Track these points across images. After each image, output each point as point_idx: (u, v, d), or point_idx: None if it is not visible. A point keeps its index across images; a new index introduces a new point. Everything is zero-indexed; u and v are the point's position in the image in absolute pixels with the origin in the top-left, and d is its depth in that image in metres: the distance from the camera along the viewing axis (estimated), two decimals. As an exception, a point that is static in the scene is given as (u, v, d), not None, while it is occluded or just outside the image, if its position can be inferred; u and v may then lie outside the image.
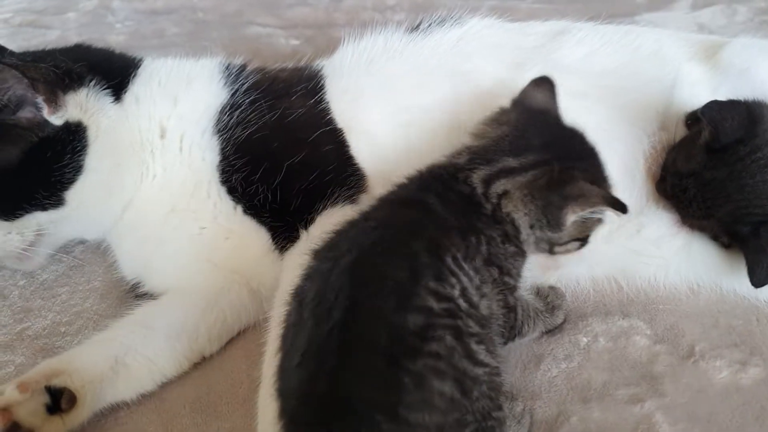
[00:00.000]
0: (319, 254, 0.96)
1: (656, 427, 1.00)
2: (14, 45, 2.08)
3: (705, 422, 1.01)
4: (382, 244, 0.92)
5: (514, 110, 1.13)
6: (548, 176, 1.01)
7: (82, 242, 1.48)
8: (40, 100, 1.20)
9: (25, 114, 1.20)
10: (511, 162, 1.04)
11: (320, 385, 0.80)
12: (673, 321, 1.19)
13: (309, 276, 0.93)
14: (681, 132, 1.26)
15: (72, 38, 2.24)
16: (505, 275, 1.01)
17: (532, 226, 1.01)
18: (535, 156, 1.04)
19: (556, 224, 1.00)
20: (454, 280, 0.90)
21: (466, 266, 0.93)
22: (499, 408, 0.88)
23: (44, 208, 1.22)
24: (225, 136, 1.27)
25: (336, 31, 2.25)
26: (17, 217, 1.21)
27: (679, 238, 1.26)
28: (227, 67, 1.40)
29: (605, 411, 1.04)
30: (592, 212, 1.01)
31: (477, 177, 1.03)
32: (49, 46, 1.41)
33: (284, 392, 0.86)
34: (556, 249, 1.06)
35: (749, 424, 1.01)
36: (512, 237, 1.02)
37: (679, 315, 1.20)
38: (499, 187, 1.02)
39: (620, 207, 0.99)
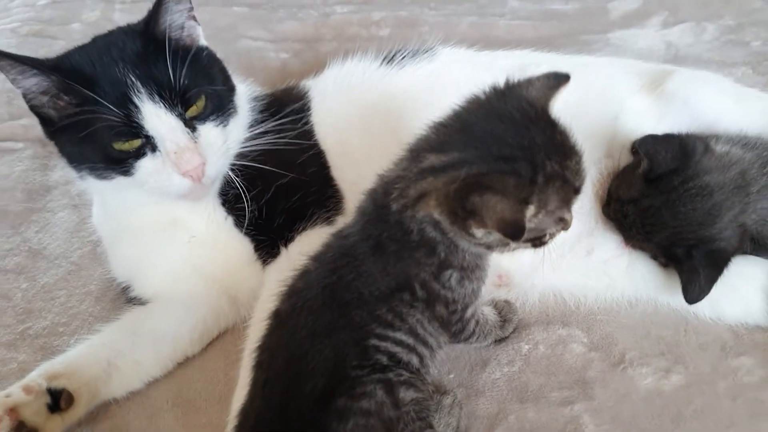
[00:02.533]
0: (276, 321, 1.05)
1: (582, 428, 1.12)
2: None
3: (627, 424, 1.13)
4: (310, 336, 0.99)
5: (474, 101, 1.08)
6: (456, 183, 0.95)
7: (80, 247, 1.61)
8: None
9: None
10: (433, 160, 1.00)
11: None
12: (609, 331, 1.30)
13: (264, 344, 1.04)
14: (625, 159, 1.37)
15: None
16: (450, 304, 1.06)
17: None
18: (459, 154, 0.98)
19: (469, 236, 0.97)
20: (379, 356, 0.99)
21: (392, 333, 1.01)
22: (430, 426, 0.99)
23: None
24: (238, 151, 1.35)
25: (323, 46, 2.34)
26: None
27: (624, 258, 1.36)
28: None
29: (539, 411, 1.16)
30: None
31: (397, 191, 1.01)
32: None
33: None
34: (501, 251, 1.04)
35: (666, 426, 1.12)
36: (447, 260, 1.01)
37: (615, 325, 1.31)
38: (415, 191, 0.99)
39: (512, 234, 0.92)
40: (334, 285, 1.02)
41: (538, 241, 1.03)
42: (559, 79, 1.05)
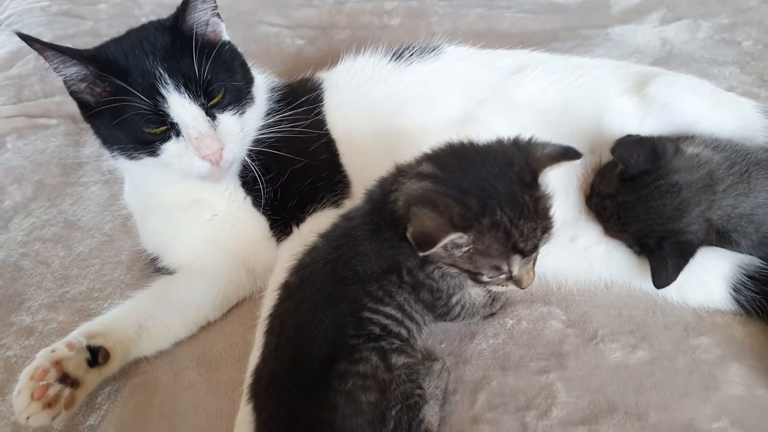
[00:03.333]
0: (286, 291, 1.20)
1: (555, 393, 1.27)
2: (52, 34, 2.36)
3: (595, 392, 1.27)
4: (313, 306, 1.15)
5: (494, 140, 1.19)
6: (416, 192, 1.09)
7: (111, 220, 1.77)
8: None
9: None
10: (425, 168, 1.14)
11: (281, 409, 1.09)
12: (586, 310, 1.43)
13: (276, 312, 1.20)
14: (607, 156, 1.48)
15: (104, 29, 2.47)
16: (435, 292, 1.20)
17: None
18: (441, 173, 1.11)
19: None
20: (372, 326, 1.14)
21: (383, 308, 1.16)
22: (419, 387, 1.15)
23: None
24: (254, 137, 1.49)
25: (337, 33, 2.47)
26: None
27: (603, 246, 1.50)
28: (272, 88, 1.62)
29: (518, 379, 1.30)
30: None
31: (397, 184, 1.14)
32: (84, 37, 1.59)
33: (256, 399, 1.14)
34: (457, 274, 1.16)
35: (629, 394, 1.26)
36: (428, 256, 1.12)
37: (592, 305, 1.45)
38: (403, 188, 1.11)
39: (418, 243, 1.03)
40: (335, 261, 1.17)
41: (474, 276, 1.14)
42: (570, 155, 1.13)
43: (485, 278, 1.14)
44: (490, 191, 1.07)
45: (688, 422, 1.21)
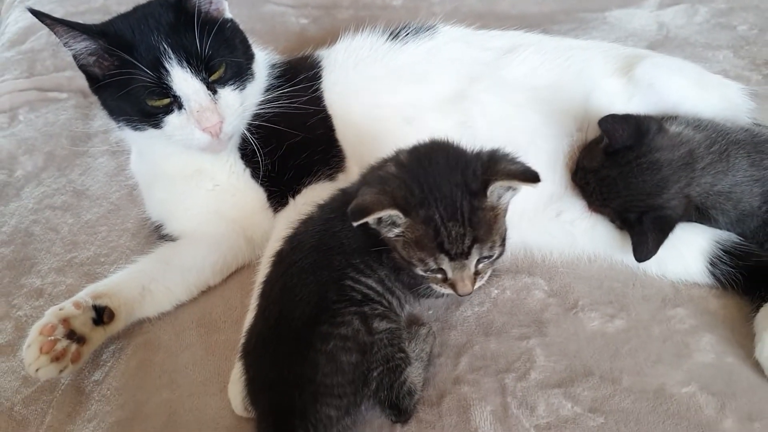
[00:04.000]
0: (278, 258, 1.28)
1: (534, 358, 1.34)
2: (63, 10, 2.42)
3: (572, 357, 1.34)
4: (299, 271, 1.22)
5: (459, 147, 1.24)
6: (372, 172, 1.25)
7: (118, 190, 1.84)
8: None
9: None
10: (401, 155, 1.24)
11: (265, 366, 1.17)
12: (568, 281, 1.50)
13: (268, 277, 1.27)
14: (593, 134, 1.55)
15: (113, 6, 2.50)
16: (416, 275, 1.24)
17: None
18: (407, 161, 1.21)
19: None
20: (354, 293, 1.21)
21: (364, 279, 1.23)
22: (401, 350, 1.21)
23: None
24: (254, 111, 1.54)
25: (340, 13, 2.51)
26: None
27: (587, 220, 1.56)
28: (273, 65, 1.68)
29: (500, 344, 1.37)
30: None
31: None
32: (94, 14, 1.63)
33: (245, 357, 1.23)
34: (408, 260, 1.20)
35: (604, 360, 1.33)
36: None
37: (574, 276, 1.51)
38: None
39: (352, 213, 1.12)
40: (324, 232, 1.24)
41: (408, 266, 1.20)
42: (526, 177, 1.15)
43: (419, 270, 1.19)
44: (434, 187, 1.14)
45: (659, 386, 1.28)
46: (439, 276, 1.20)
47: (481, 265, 1.20)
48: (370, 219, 1.12)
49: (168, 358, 1.42)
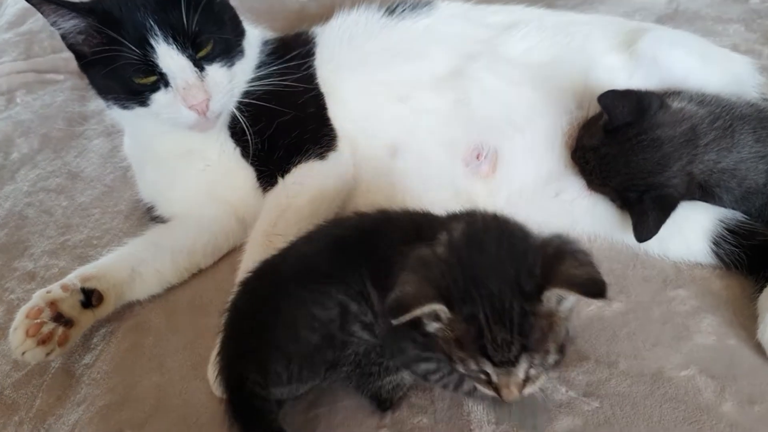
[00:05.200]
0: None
1: (529, 341, 1.31)
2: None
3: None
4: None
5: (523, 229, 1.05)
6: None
7: (112, 172, 1.83)
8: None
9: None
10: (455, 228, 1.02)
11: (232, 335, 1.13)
12: (566, 262, 1.47)
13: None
14: (594, 111, 1.50)
15: None
16: None
17: None
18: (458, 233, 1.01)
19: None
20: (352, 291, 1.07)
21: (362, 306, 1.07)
22: (377, 364, 1.10)
23: None
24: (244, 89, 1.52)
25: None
26: None
27: (586, 200, 1.52)
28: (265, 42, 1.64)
29: (494, 328, 1.35)
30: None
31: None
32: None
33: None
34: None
35: (601, 344, 1.29)
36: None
37: (573, 258, 1.48)
38: None
39: (391, 307, 0.92)
40: (356, 235, 1.15)
41: (449, 361, 0.98)
42: (592, 291, 0.92)
43: (460, 368, 0.98)
44: (481, 281, 0.93)
45: (657, 370, 1.24)
46: (482, 377, 0.99)
47: (533, 371, 0.98)
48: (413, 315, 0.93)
49: (158, 341, 1.41)
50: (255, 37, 1.60)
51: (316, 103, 1.56)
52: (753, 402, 1.17)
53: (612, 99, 1.39)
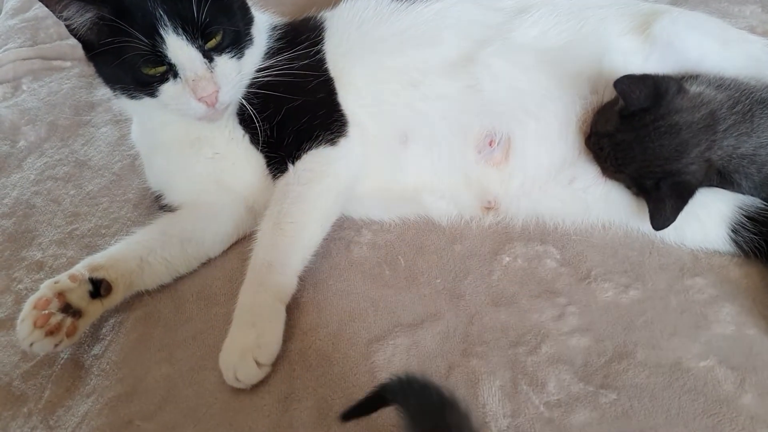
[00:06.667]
0: None
1: (546, 331, 1.29)
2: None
3: (584, 330, 1.28)
4: None
5: None
6: None
7: (120, 160, 1.81)
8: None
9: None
10: None
11: None
12: (581, 249, 1.43)
13: None
14: (609, 96, 1.47)
15: None
16: None
17: None
18: None
19: None
20: None
21: None
22: None
23: None
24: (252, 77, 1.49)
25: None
26: None
27: (601, 187, 1.49)
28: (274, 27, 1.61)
29: (509, 315, 1.32)
30: None
31: None
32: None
33: None
34: None
35: (618, 332, 1.27)
36: None
37: (587, 245, 1.44)
38: None
39: None
40: None
41: None
42: None
43: None
44: None
45: (675, 360, 1.22)
46: None
47: None
48: None
49: (167, 331, 1.39)
50: (263, 23, 1.57)
51: (326, 88, 1.53)
52: (774, 394, 1.14)
53: (628, 84, 1.36)
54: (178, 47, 1.32)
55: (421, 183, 1.55)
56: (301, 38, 1.57)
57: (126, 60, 1.33)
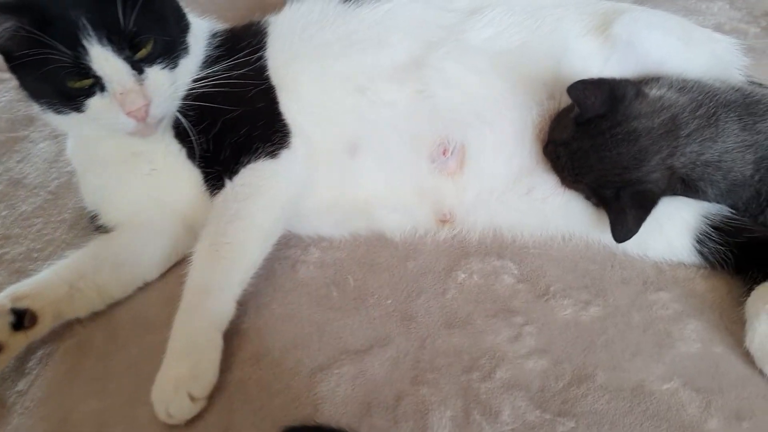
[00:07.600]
0: None
1: (501, 354, 1.22)
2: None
3: (542, 351, 1.21)
4: None
5: None
6: None
7: (57, 177, 1.71)
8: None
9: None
10: None
11: None
12: (540, 263, 1.37)
13: None
14: (566, 102, 1.40)
15: None
16: None
17: None
18: None
19: None
20: None
21: None
22: None
23: None
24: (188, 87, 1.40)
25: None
26: None
27: (560, 197, 1.42)
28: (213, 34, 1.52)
29: (463, 337, 1.24)
30: None
31: None
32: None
33: None
34: None
35: (577, 354, 1.20)
36: None
37: (546, 258, 1.38)
38: None
39: None
40: None
41: None
42: None
43: None
44: None
45: (637, 383, 1.15)
46: None
47: None
48: None
49: (99, 362, 1.29)
50: (202, 30, 1.48)
51: (267, 97, 1.44)
52: (741, 418, 1.08)
53: (582, 89, 1.29)
54: (103, 58, 1.23)
55: (372, 195, 1.47)
56: (242, 45, 1.48)
57: (49, 72, 1.23)
